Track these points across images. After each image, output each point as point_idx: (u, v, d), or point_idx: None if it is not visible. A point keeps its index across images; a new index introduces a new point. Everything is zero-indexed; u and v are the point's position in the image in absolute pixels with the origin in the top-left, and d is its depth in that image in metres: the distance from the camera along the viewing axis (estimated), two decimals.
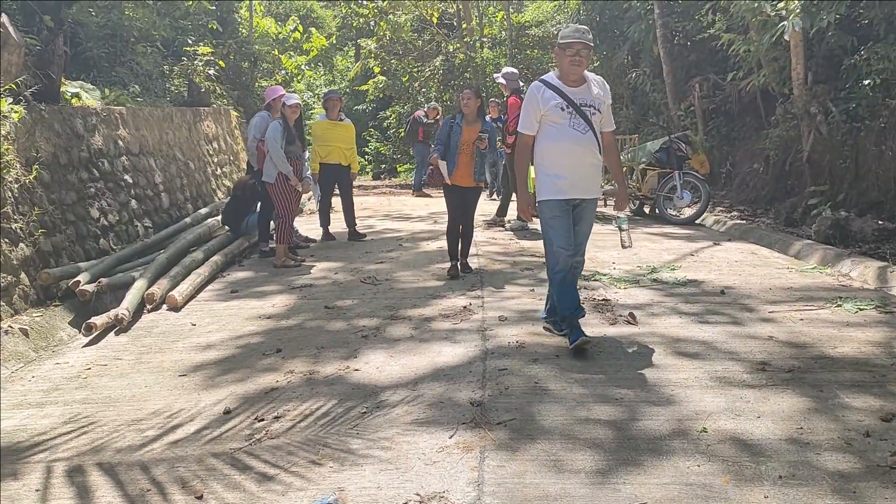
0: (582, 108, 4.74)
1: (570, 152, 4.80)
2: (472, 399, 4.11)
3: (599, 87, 4.88)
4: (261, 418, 4.02)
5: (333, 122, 9.54)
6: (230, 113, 15.09)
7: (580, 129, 4.75)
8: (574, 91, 4.77)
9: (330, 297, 6.62)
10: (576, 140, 4.76)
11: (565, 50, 4.70)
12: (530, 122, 4.91)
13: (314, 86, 32.71)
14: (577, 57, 4.68)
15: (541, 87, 4.85)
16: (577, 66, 4.72)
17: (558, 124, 4.77)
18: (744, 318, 5.52)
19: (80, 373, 4.96)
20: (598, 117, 4.84)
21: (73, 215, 7.60)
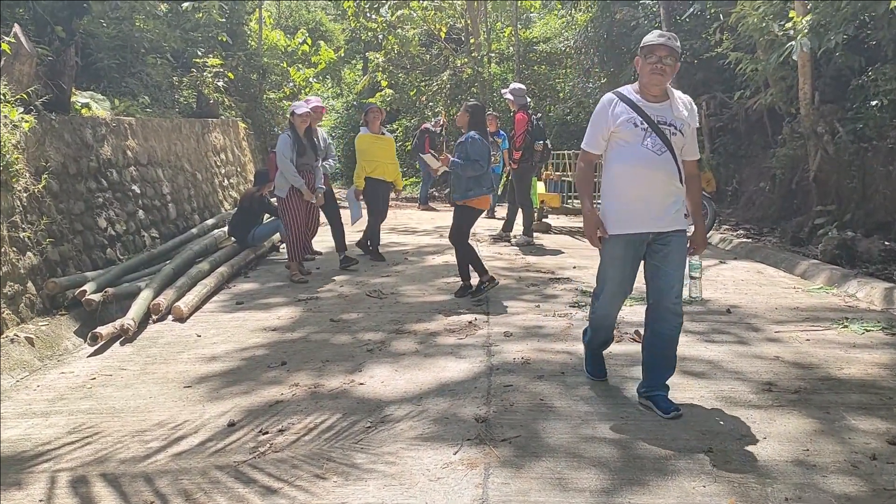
0: (660, 125, 4.02)
1: (642, 176, 4.05)
2: (476, 415, 4.10)
3: (686, 108, 4.13)
4: (265, 431, 4.01)
5: (377, 136, 9.17)
6: (238, 124, 15.16)
7: (655, 150, 4.01)
8: (653, 107, 4.05)
9: (335, 311, 6.62)
10: (649, 162, 4.02)
11: (646, 56, 4.01)
12: (596, 140, 4.21)
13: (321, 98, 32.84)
14: (661, 65, 3.95)
15: (613, 99, 4.16)
16: (660, 76, 3.97)
17: (629, 143, 4.05)
18: (750, 338, 5.51)
19: (85, 382, 4.97)
20: (678, 139, 4.06)
21: (81, 225, 7.63)
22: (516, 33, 22.16)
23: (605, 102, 4.19)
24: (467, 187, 6.83)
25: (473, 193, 6.82)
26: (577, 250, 9.75)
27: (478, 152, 6.77)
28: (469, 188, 6.83)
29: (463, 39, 28.07)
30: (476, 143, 6.80)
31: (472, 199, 6.88)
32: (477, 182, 6.80)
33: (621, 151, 4.10)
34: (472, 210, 6.99)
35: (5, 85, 6.72)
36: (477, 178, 6.79)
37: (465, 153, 6.80)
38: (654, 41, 4.02)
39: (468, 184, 6.82)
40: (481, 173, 6.77)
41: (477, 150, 6.78)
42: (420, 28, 27.37)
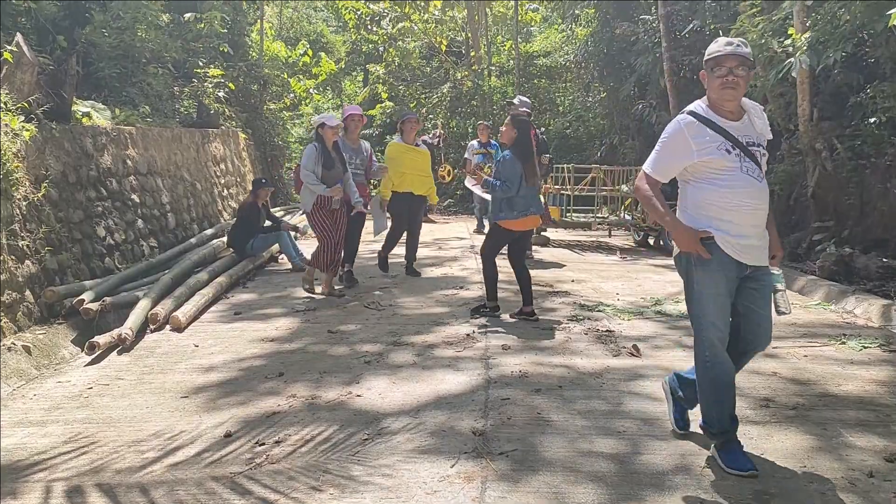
0: (749, 147, 3.53)
1: (748, 208, 3.51)
2: (474, 428, 4.10)
3: (760, 118, 3.66)
4: (262, 442, 4.00)
5: (409, 147, 8.67)
6: (238, 135, 15.19)
7: (755, 176, 3.53)
8: (736, 126, 3.55)
9: (333, 322, 6.62)
10: (753, 191, 3.52)
11: (714, 69, 3.54)
12: (667, 169, 3.67)
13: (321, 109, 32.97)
14: (732, 77, 3.47)
15: (692, 123, 3.57)
16: (732, 90, 3.49)
17: (724, 170, 3.50)
18: None
19: (82, 392, 4.96)
20: (765, 160, 3.63)
21: (80, 233, 7.64)
22: (517, 47, 22.23)
23: (680, 126, 3.59)
24: (498, 208, 6.48)
25: (504, 216, 6.44)
26: (575, 264, 9.75)
27: (507, 173, 6.37)
28: (500, 209, 6.47)
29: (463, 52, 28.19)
30: (507, 164, 6.40)
31: (503, 221, 6.49)
32: (508, 204, 6.39)
33: (718, 182, 3.52)
34: (502, 230, 6.58)
35: (6, 93, 6.74)
36: (508, 201, 6.38)
37: (498, 172, 6.50)
38: (720, 51, 3.53)
39: (500, 205, 6.46)
40: (510, 195, 6.34)
41: (507, 171, 6.38)
42: (421, 41, 27.50)
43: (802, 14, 9.67)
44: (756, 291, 3.63)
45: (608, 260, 10.19)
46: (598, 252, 11.02)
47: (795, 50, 9.50)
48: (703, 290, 3.59)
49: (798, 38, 9.51)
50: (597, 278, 8.59)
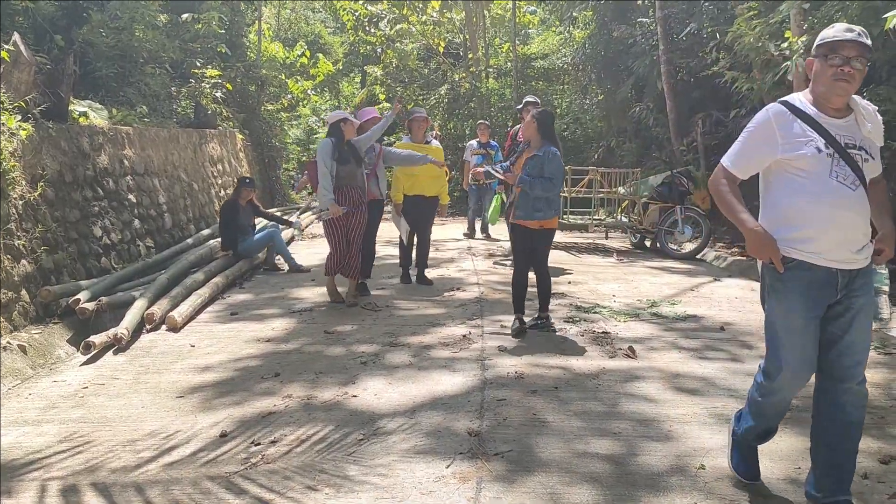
0: (848, 150, 3.03)
1: (833, 218, 3.00)
2: (469, 429, 4.10)
3: (872, 120, 3.13)
4: (257, 442, 4.00)
5: (419, 146, 8.09)
6: (236, 135, 15.19)
7: (848, 183, 3.00)
8: (836, 124, 3.07)
9: (329, 322, 6.61)
10: (842, 200, 2.99)
11: (827, 56, 3.02)
12: (748, 163, 3.23)
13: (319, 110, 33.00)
14: (848, 69, 2.97)
15: (782, 112, 3.11)
16: (846, 83, 2.99)
17: (810, 173, 3.02)
18: (743, 356, 5.52)
19: (78, 391, 4.95)
20: (870, 167, 3.08)
21: (76, 233, 7.63)
22: (514, 49, 22.27)
23: (769, 116, 3.13)
24: (535, 207, 6.00)
25: (542, 215, 6.03)
26: (572, 266, 9.75)
27: (555, 170, 5.96)
28: (538, 208, 6.00)
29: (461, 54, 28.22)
30: (556, 160, 5.95)
31: (545, 221, 6.09)
32: (547, 203, 6.02)
33: (800, 184, 3.06)
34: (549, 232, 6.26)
35: (3, 93, 6.73)
36: (548, 199, 6.01)
37: (540, 169, 5.96)
38: (838, 37, 3.00)
39: (536, 203, 5.99)
40: (551, 194, 6.02)
41: (555, 168, 5.95)
42: (418, 42, 27.52)
43: (799, 17, 9.69)
44: (844, 318, 3.10)
45: (604, 262, 10.19)
46: (594, 254, 11.01)
47: (792, 53, 9.53)
48: (775, 320, 3.15)
49: (794, 42, 9.53)
50: (593, 280, 8.59)
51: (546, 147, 6.00)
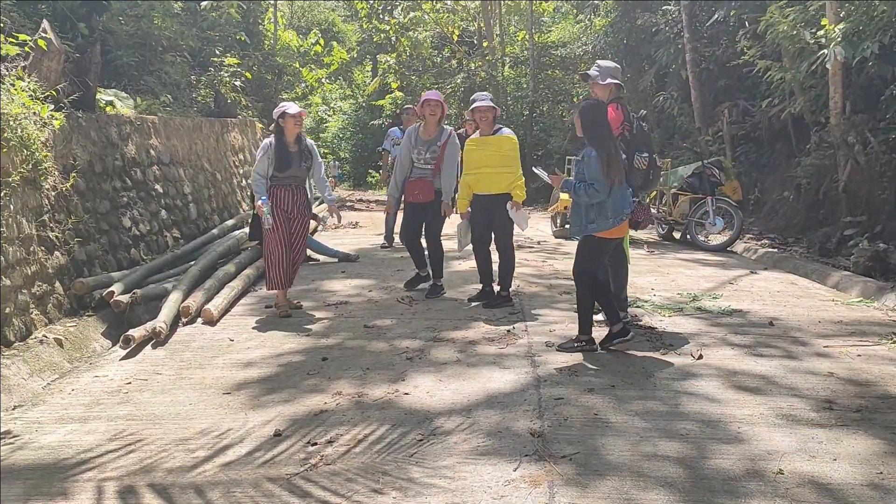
0: None
1: None
2: (531, 429, 3.98)
3: None
4: (313, 442, 3.90)
5: (481, 140, 6.88)
6: (255, 124, 15.06)
7: None
8: None
9: (367, 316, 6.51)
10: None
11: None
12: None
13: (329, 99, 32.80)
14: None
15: None
16: None
17: None
18: (798, 352, 5.38)
19: (121, 387, 4.86)
20: None
21: (107, 224, 7.54)
22: (531, 37, 22.06)
23: None
24: (587, 217, 5.31)
25: (596, 226, 5.27)
26: None
27: (592, 173, 5.18)
28: (590, 218, 5.30)
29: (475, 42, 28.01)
30: (591, 162, 5.17)
31: (599, 232, 5.31)
32: (599, 210, 5.25)
33: None
34: (597, 242, 5.39)
35: (35, 82, 6.61)
36: (599, 206, 5.24)
37: (581, 173, 5.30)
38: None
39: (588, 212, 5.30)
40: (602, 199, 5.22)
41: (592, 170, 5.18)
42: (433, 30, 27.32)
43: (836, 5, 9.51)
44: None
45: (635, 254, 10.03)
46: None
47: (829, 41, 9.35)
48: None
49: (831, 30, 9.35)
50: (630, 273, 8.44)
51: (586, 148, 5.29)
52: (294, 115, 6.55)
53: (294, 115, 6.56)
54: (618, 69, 6.06)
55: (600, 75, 5.93)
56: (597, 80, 5.95)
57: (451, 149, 7.22)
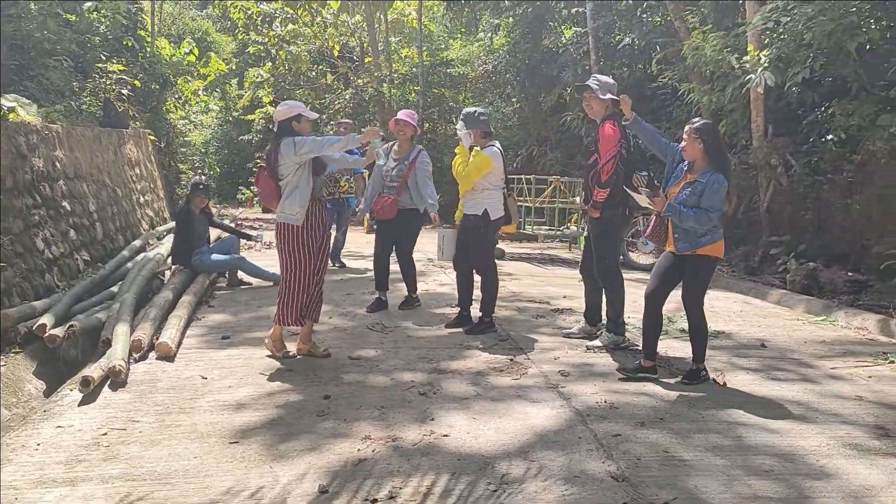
0: None
1: None
2: (610, 472, 3.64)
3: None
4: (372, 499, 3.39)
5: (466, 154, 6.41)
6: (148, 137, 13.98)
7: None
8: None
9: (344, 346, 5.97)
10: None
11: None
12: None
13: (189, 112, 31.34)
14: None
15: None
16: None
17: None
18: (811, 375, 5.34)
19: (97, 439, 4.12)
20: None
21: (21, 247, 6.64)
22: (420, 54, 21.87)
23: None
24: (699, 233, 4.96)
25: (709, 239, 4.98)
26: (548, 278, 9.46)
27: (716, 203, 4.86)
28: (703, 233, 4.96)
29: (355, 59, 27.60)
30: (720, 191, 4.85)
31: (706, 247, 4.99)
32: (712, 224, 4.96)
33: None
34: (714, 262, 5.12)
35: None
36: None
37: (698, 198, 4.88)
38: None
39: (699, 229, 4.95)
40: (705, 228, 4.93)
41: (716, 201, 4.86)
42: (311, 45, 26.68)
43: (759, 32, 9.80)
44: None
45: (572, 273, 9.94)
46: (558, 265, 10.77)
47: (754, 66, 9.62)
48: None
49: (756, 55, 9.64)
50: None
51: (712, 173, 4.86)
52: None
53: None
54: (615, 85, 5.92)
55: (600, 89, 5.74)
56: (596, 94, 5.76)
57: (420, 165, 7.05)
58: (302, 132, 5.50)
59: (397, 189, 6.98)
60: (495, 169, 6.34)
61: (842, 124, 9.15)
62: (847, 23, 8.52)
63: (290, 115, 5.50)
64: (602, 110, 5.79)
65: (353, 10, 25.52)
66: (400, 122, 7.03)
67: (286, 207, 5.45)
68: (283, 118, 5.50)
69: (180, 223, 8.35)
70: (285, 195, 5.47)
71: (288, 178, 5.47)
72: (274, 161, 5.47)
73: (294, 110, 5.53)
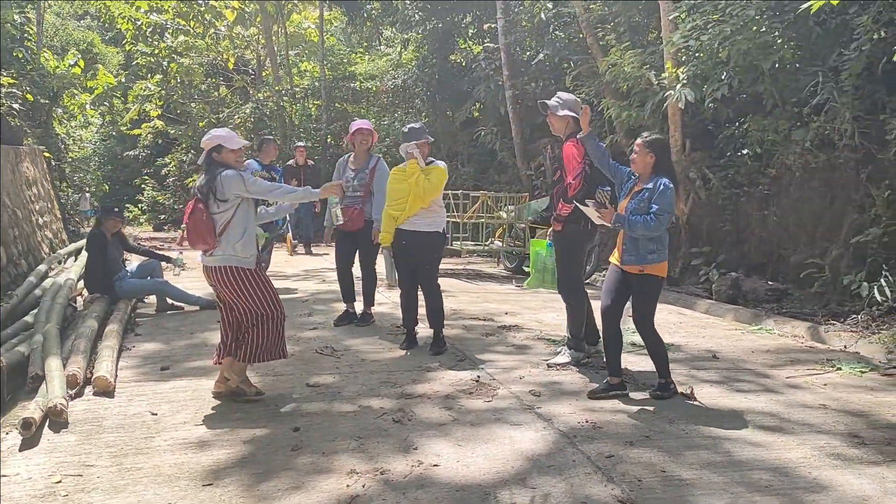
0: None
1: None
2: (616, 497, 3.56)
3: None
4: None
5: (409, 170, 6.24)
6: (43, 154, 13.14)
7: None
8: None
9: (296, 373, 5.68)
10: None
11: None
12: None
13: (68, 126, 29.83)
14: None
15: None
16: None
17: None
18: (771, 385, 5.45)
19: (51, 488, 3.74)
20: None
21: None
22: (323, 69, 21.54)
23: None
24: (648, 248, 5.01)
25: (655, 257, 5.03)
26: (482, 294, 9.39)
27: (666, 205, 4.89)
28: (651, 250, 5.01)
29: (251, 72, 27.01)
30: (669, 193, 4.90)
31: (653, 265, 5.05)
32: (660, 241, 5.02)
33: None
34: (659, 281, 5.17)
35: None
36: (659, 237, 5.01)
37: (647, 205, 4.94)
38: None
39: (648, 244, 5.00)
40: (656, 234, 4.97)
41: (666, 203, 4.89)
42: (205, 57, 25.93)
43: (674, 49, 10.08)
44: None
45: (504, 289, 9.96)
46: (486, 281, 10.73)
47: (672, 82, 9.90)
48: None
49: (674, 73, 9.91)
50: (524, 309, 8.29)
51: (659, 178, 4.95)
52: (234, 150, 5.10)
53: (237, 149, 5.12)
54: (577, 102, 5.85)
55: (559, 106, 5.73)
56: (554, 111, 5.74)
57: (379, 173, 7.00)
58: (225, 162, 4.99)
59: (361, 199, 6.97)
60: None
61: (757, 139, 9.50)
62: (761, 42, 8.88)
63: (210, 145, 5.00)
64: (563, 127, 5.78)
65: (248, 22, 24.97)
66: (364, 132, 7.03)
67: (239, 250, 4.91)
68: (207, 148, 5.05)
69: (94, 248, 7.82)
70: (236, 236, 4.91)
71: (225, 213, 4.91)
72: (208, 194, 4.90)
73: (214, 140, 5.00)
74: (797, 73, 9.10)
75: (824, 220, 8.78)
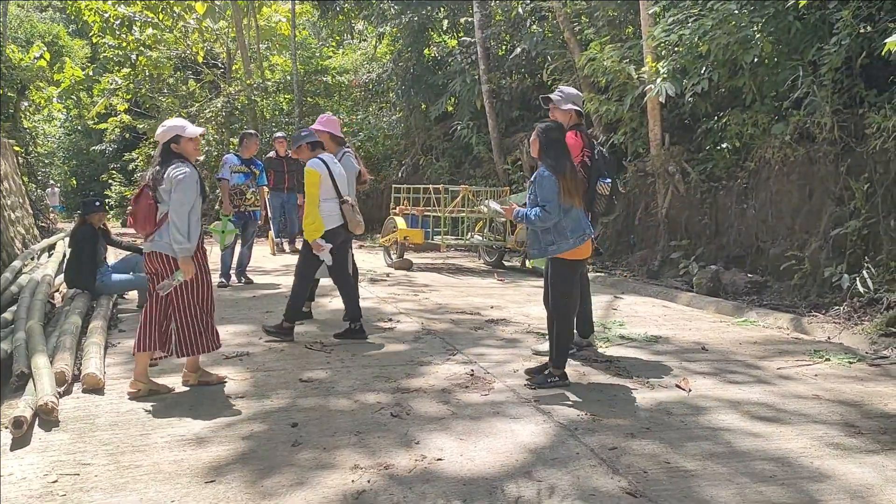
0: None
1: None
2: (623, 488, 3.56)
3: None
4: None
5: None
6: (13, 147, 12.87)
7: None
8: None
9: (290, 368, 5.63)
10: None
11: None
12: None
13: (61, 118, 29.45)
14: None
15: None
16: None
17: None
18: (763, 377, 5.51)
19: (48, 487, 3.66)
20: None
21: None
22: (295, 62, 21.38)
23: None
24: (548, 240, 5.08)
25: (557, 248, 5.05)
26: (465, 288, 9.38)
27: (546, 193, 4.95)
28: (551, 241, 5.07)
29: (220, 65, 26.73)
30: (544, 181, 4.98)
31: (564, 253, 5.06)
32: (557, 231, 5.04)
33: None
34: (564, 263, 5.12)
35: None
36: (556, 227, 5.02)
37: (535, 197, 5.08)
38: None
39: (547, 236, 5.09)
40: (554, 221, 4.99)
41: (545, 190, 4.96)
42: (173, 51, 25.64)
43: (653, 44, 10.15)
44: None
45: (487, 283, 9.96)
46: (467, 275, 10.72)
47: (650, 77, 9.96)
48: None
49: (654, 67, 9.97)
50: (509, 303, 8.29)
51: (540, 170, 5.06)
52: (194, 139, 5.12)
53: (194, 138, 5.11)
54: (580, 97, 6.01)
55: (562, 100, 5.79)
56: (558, 105, 5.80)
57: (344, 163, 6.83)
58: (184, 153, 4.99)
59: None
60: (323, 179, 6.30)
61: (736, 133, 9.60)
62: (741, 36, 8.96)
63: (166, 137, 4.97)
64: (566, 121, 5.79)
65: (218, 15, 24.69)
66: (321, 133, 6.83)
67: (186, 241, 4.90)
68: (163, 140, 5.01)
69: (82, 242, 7.65)
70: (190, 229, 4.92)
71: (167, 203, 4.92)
72: (156, 184, 4.91)
73: (170, 132, 4.97)
74: (777, 68, 9.21)
75: (803, 213, 8.90)
